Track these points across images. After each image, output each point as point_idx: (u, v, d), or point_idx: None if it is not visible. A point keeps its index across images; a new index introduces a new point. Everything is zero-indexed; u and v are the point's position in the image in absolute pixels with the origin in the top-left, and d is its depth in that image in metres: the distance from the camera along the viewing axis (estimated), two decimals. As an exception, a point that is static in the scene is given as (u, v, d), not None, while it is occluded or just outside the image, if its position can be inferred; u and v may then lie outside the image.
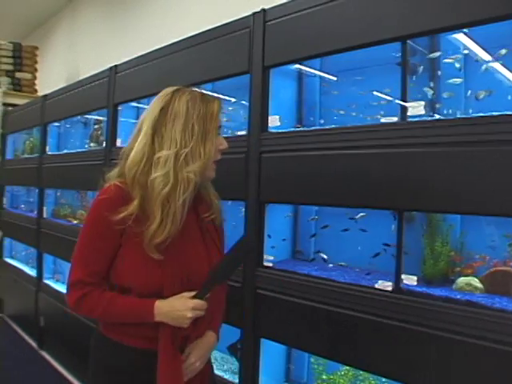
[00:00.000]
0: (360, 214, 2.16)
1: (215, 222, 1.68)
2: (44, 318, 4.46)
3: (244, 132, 2.44)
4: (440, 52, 1.98)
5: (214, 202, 1.67)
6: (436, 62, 2.04)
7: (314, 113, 2.53)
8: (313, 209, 2.51)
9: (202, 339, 1.62)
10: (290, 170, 2.18)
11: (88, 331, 1.82)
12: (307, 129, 2.25)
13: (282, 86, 2.47)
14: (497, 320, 1.54)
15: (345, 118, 2.32)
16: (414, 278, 1.84)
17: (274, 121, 2.30)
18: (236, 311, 2.35)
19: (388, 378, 1.92)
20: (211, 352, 1.70)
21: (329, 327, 2.01)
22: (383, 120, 1.90)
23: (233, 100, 2.95)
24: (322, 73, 2.53)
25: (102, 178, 1.59)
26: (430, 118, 1.79)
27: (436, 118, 1.83)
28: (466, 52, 1.92)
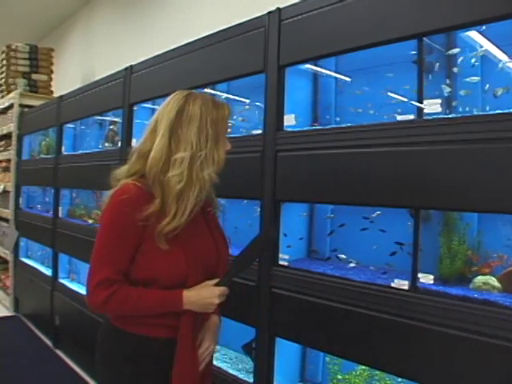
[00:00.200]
0: (376, 213, 2.16)
1: (215, 214, 1.79)
2: (59, 317, 4.49)
3: (259, 131, 2.44)
4: (458, 49, 1.97)
5: (213, 196, 1.74)
6: (452, 59, 2.02)
7: (329, 112, 2.52)
8: (328, 207, 2.50)
9: (208, 322, 1.71)
10: (305, 169, 2.18)
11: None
12: (323, 127, 2.25)
13: (298, 85, 2.47)
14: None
15: (361, 116, 2.31)
16: (431, 276, 1.82)
17: (290, 120, 2.30)
18: (251, 310, 2.35)
19: (404, 377, 1.91)
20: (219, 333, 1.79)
21: (344, 326, 2.00)
22: (399, 118, 1.89)
23: (247, 102, 2.96)
24: (336, 74, 2.52)
25: (112, 176, 1.64)
26: (446, 116, 1.78)
27: (452, 115, 1.81)
28: (483, 49, 1.91)
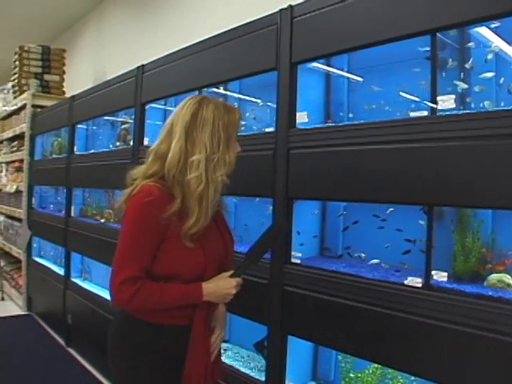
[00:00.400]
0: (389, 210, 2.15)
1: (222, 212, 1.89)
2: (71, 316, 4.51)
3: (272, 129, 2.44)
4: (472, 43, 1.96)
5: (221, 196, 1.80)
6: (466, 55, 2.01)
7: (342, 109, 2.51)
8: (340, 205, 2.49)
9: (217, 312, 1.83)
10: (318, 166, 2.17)
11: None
12: (335, 124, 2.24)
13: (310, 83, 2.47)
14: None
15: (374, 113, 2.30)
16: (444, 274, 1.81)
17: (302, 117, 2.30)
18: (263, 308, 2.35)
19: (417, 376, 1.90)
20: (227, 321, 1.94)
21: (357, 324, 1.99)
22: (412, 114, 1.88)
23: (259, 102, 2.96)
24: (348, 71, 2.52)
25: (128, 176, 1.74)
26: (460, 112, 1.77)
27: (466, 111, 1.80)
28: (495, 45, 1.90)
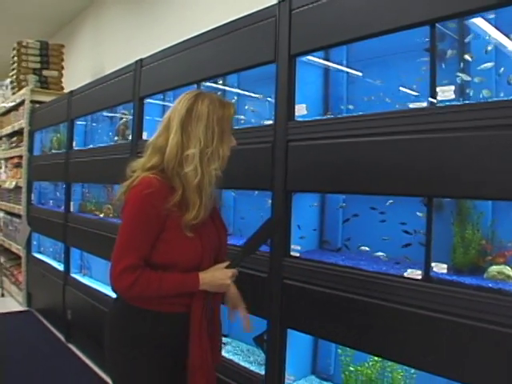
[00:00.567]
0: (388, 202, 2.14)
1: (217, 206, 1.96)
2: (71, 312, 4.51)
3: (270, 121, 2.42)
4: (471, 34, 1.95)
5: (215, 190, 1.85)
6: (465, 47, 2.00)
7: (341, 102, 2.50)
8: (339, 197, 2.48)
9: (228, 293, 1.91)
10: (317, 159, 2.16)
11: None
12: (334, 117, 2.23)
13: (309, 75, 2.46)
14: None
15: (373, 105, 2.28)
16: (444, 266, 1.81)
17: (301, 109, 2.29)
18: (263, 302, 2.35)
19: (417, 368, 1.89)
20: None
21: (357, 317, 1.98)
22: (412, 106, 1.87)
23: (258, 97, 2.95)
24: (347, 63, 2.51)
25: (128, 168, 1.78)
26: (460, 103, 1.76)
27: (465, 102, 1.79)
28: (493, 37, 1.89)
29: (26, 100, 5.83)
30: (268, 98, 2.75)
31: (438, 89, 1.80)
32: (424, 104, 1.85)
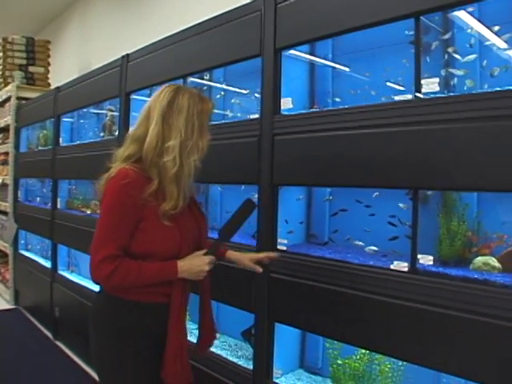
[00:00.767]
0: (375, 194, 2.14)
1: (195, 197, 1.95)
2: (59, 309, 4.49)
3: (256, 115, 2.42)
4: (450, 32, 1.96)
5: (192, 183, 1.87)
6: (449, 40, 2.01)
7: (326, 95, 2.50)
8: (326, 190, 2.49)
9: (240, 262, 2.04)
10: (303, 152, 2.16)
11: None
12: (319, 110, 2.23)
13: (294, 70, 2.45)
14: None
15: (358, 99, 2.29)
16: (430, 257, 1.81)
17: (287, 103, 2.28)
18: (250, 296, 2.34)
19: (404, 360, 1.90)
20: None
21: (344, 309, 1.99)
22: (397, 98, 1.87)
23: (243, 91, 2.95)
24: (333, 57, 2.50)
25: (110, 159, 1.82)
26: (444, 95, 1.76)
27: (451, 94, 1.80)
28: (476, 30, 1.90)
29: (11, 96, 5.78)
30: (256, 94, 2.74)
31: (422, 81, 1.81)
32: (409, 96, 1.85)
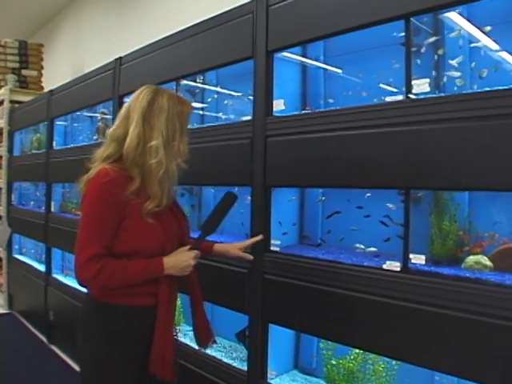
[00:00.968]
0: (366, 195, 2.15)
1: (175, 200, 1.95)
2: (53, 313, 4.47)
3: (249, 117, 2.43)
4: (437, 37, 2.00)
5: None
6: (440, 42, 2.02)
7: (318, 97, 2.51)
8: (318, 191, 2.49)
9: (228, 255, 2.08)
10: (295, 153, 2.17)
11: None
12: (311, 111, 2.24)
13: (286, 72, 2.47)
14: (508, 297, 1.53)
15: (350, 100, 2.30)
16: (422, 257, 1.82)
17: (279, 105, 2.29)
18: (244, 297, 2.35)
19: (397, 359, 1.91)
20: None
21: (337, 310, 2.00)
22: (388, 99, 1.88)
23: (234, 93, 2.96)
24: (325, 59, 2.52)
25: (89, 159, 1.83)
26: (434, 95, 1.77)
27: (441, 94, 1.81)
28: (465, 30, 1.92)
29: (5, 100, 5.77)
30: (250, 97, 2.75)
31: (413, 82, 1.82)
32: (400, 97, 1.86)
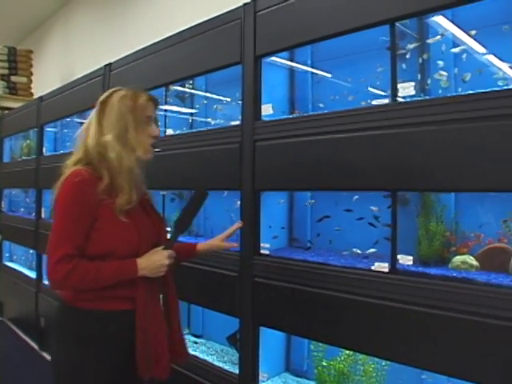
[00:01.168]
0: (354, 198, 2.18)
1: (150, 201, 1.94)
2: (44, 320, 4.45)
3: (238, 122, 2.45)
4: (421, 42, 2.02)
5: (144, 186, 1.88)
6: (425, 45, 2.06)
7: (306, 102, 2.54)
8: (307, 194, 2.52)
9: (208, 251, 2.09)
10: (283, 157, 2.19)
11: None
12: (299, 115, 2.26)
13: (274, 76, 2.49)
14: (494, 295, 1.55)
15: (338, 104, 2.33)
16: (410, 257, 1.85)
17: (267, 109, 2.31)
18: (233, 300, 2.36)
19: (387, 359, 1.93)
20: None
21: (327, 311, 2.01)
22: (374, 102, 1.91)
23: (222, 98, 2.98)
24: (312, 64, 2.55)
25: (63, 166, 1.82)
26: (420, 98, 1.80)
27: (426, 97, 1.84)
28: (449, 33, 1.95)
29: (-6, 107, 5.76)
30: (239, 102, 2.78)
31: (398, 85, 1.85)
32: (386, 101, 1.89)
